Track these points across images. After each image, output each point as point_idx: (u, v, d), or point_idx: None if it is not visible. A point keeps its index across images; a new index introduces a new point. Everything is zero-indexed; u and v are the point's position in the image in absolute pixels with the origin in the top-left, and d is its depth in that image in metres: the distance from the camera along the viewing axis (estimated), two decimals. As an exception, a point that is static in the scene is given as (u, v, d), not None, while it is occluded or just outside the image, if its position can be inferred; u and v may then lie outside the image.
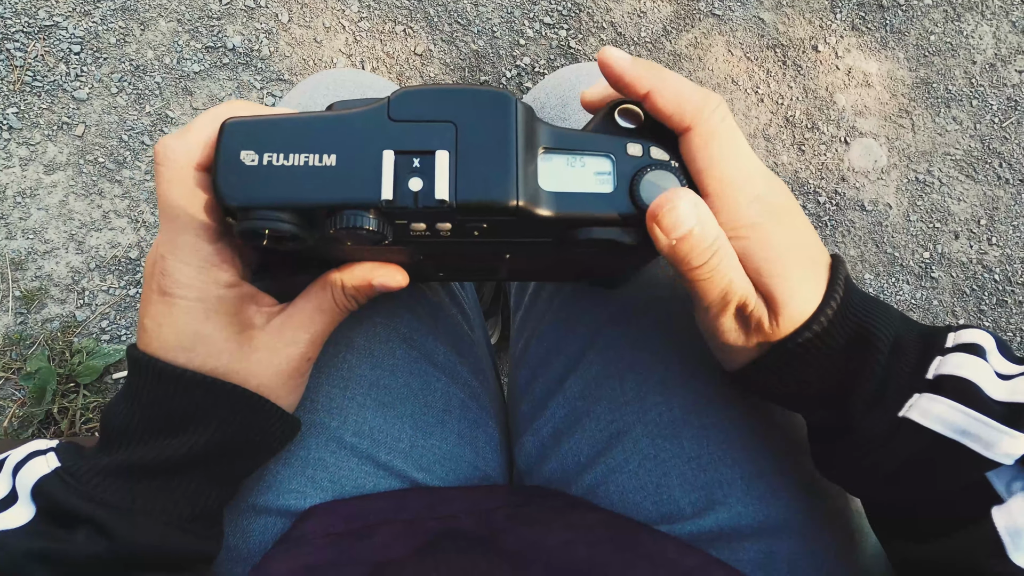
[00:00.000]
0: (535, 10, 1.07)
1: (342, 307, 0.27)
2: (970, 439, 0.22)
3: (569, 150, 0.23)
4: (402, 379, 0.34)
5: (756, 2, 1.12)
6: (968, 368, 0.23)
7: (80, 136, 0.94)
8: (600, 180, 0.23)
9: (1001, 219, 1.09)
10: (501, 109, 0.21)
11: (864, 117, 1.10)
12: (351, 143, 0.21)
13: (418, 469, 0.33)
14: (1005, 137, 1.12)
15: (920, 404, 0.23)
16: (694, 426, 0.32)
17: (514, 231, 0.23)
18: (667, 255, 0.22)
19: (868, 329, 0.24)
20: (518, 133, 0.21)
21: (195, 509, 0.25)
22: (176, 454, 0.24)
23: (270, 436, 0.27)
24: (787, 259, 0.23)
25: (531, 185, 0.22)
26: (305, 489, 0.31)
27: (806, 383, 0.25)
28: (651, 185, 0.23)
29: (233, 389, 0.24)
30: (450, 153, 0.21)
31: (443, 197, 0.20)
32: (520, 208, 0.21)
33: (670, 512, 0.31)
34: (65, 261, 0.90)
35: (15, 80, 0.93)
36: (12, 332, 0.87)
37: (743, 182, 0.23)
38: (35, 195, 0.91)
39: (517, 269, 0.30)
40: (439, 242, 0.23)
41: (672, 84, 0.23)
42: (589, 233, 0.23)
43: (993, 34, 1.16)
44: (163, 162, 0.22)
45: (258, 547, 0.30)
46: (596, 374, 0.35)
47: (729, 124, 0.23)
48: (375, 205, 0.20)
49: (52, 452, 0.24)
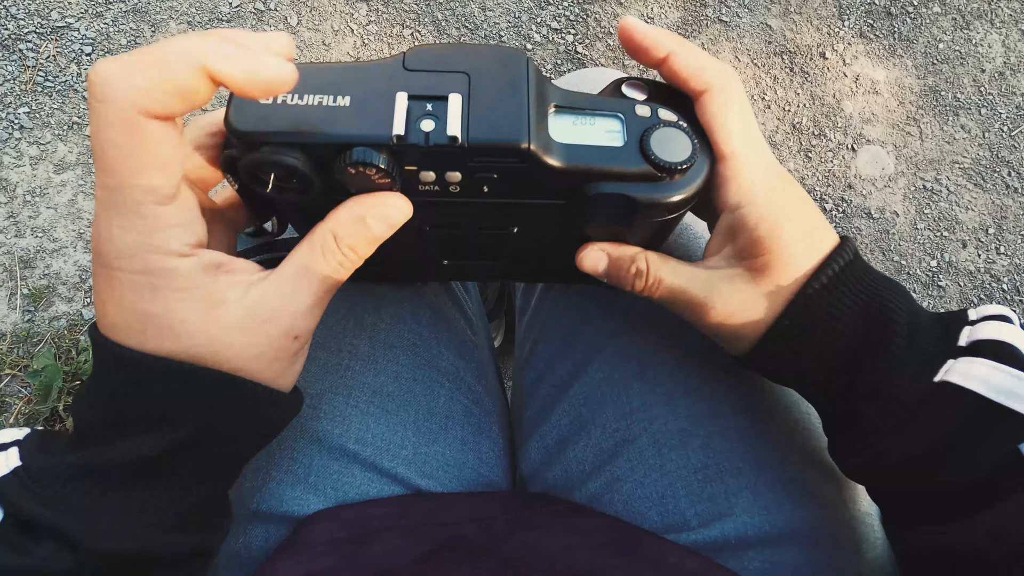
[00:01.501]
0: (542, 15, 1.07)
1: (336, 264, 0.22)
2: (1016, 400, 0.21)
3: (580, 109, 0.23)
4: (405, 385, 0.34)
5: (764, 8, 1.12)
6: (1004, 332, 0.23)
7: (90, 136, 0.94)
8: (610, 136, 0.23)
9: (1009, 228, 1.09)
10: (515, 64, 0.22)
11: (872, 124, 1.10)
12: (365, 88, 0.21)
13: (421, 476, 0.33)
14: (1014, 146, 1.11)
15: (958, 367, 0.22)
16: (700, 436, 0.32)
17: (524, 188, 0.23)
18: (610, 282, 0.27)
19: (883, 298, 0.24)
20: (530, 86, 0.22)
21: (180, 508, 0.22)
22: (151, 453, 0.20)
23: (262, 419, 0.23)
24: (797, 219, 0.24)
25: (542, 134, 0.22)
26: (307, 497, 0.30)
27: (821, 350, 0.24)
28: (661, 142, 0.23)
29: (205, 373, 0.20)
30: (463, 97, 0.21)
31: (455, 134, 0.20)
32: (531, 153, 0.21)
33: (675, 523, 0.31)
34: (73, 260, 0.91)
35: (27, 80, 0.94)
36: (20, 329, 0.87)
37: (758, 146, 0.24)
38: (45, 194, 0.92)
39: (522, 259, 0.30)
40: (447, 204, 0.23)
41: (691, 48, 0.24)
42: (600, 188, 0.23)
43: (1002, 42, 1.16)
44: (100, 98, 0.17)
45: (260, 554, 0.30)
46: (602, 382, 0.34)
47: (743, 95, 0.24)
48: (386, 143, 0.20)
49: (14, 447, 0.21)
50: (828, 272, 0.24)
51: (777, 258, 0.24)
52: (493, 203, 0.24)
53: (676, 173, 0.23)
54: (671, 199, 0.23)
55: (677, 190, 0.23)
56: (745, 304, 0.25)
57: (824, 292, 0.24)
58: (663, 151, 0.23)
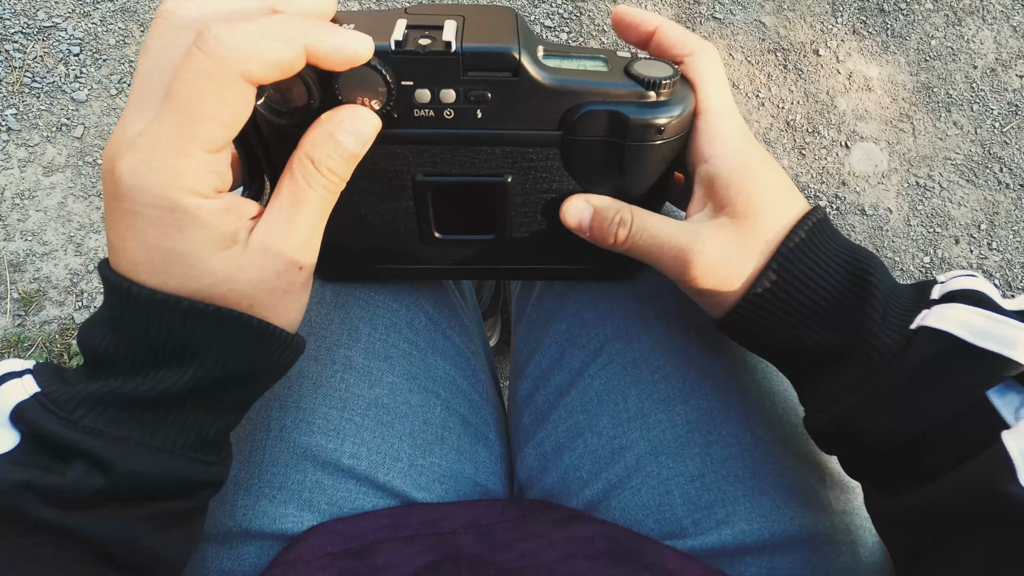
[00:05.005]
0: (536, 13, 1.07)
1: (321, 189, 0.23)
2: (992, 340, 0.21)
3: (565, 53, 0.25)
4: (401, 397, 0.34)
5: (757, 6, 1.12)
6: (974, 283, 0.24)
7: (79, 137, 0.93)
8: (596, 66, 0.25)
9: (1001, 224, 1.09)
10: (506, 14, 0.24)
11: (865, 121, 1.10)
12: (368, 19, 0.23)
13: (417, 488, 0.33)
14: (1006, 142, 1.12)
15: (935, 312, 0.23)
16: (697, 443, 0.32)
17: (517, 114, 0.24)
18: (592, 241, 0.28)
19: (861, 258, 0.25)
20: (519, 30, 0.23)
21: (199, 437, 0.23)
22: (173, 387, 0.21)
23: (272, 360, 0.24)
24: (771, 175, 0.26)
25: (533, 55, 0.23)
26: (301, 513, 0.30)
27: (801, 307, 0.25)
28: (644, 67, 0.25)
29: (228, 315, 0.21)
30: (458, 24, 0.23)
31: (449, 39, 0.22)
32: (521, 65, 0.23)
33: (672, 530, 0.31)
34: (64, 263, 0.90)
35: (14, 81, 0.93)
36: (10, 334, 0.86)
37: (731, 108, 0.26)
38: (34, 197, 0.91)
39: (517, 240, 0.30)
40: (440, 138, 0.25)
41: (677, 25, 0.27)
42: (591, 106, 0.24)
43: (994, 39, 1.16)
44: (210, 52, 0.18)
45: (253, 571, 0.29)
46: (599, 388, 0.34)
47: (721, 67, 0.27)
48: (385, 50, 0.22)
49: (29, 375, 0.22)
50: (807, 226, 0.25)
51: (755, 204, 0.25)
52: (488, 135, 0.25)
53: (662, 88, 0.24)
54: (660, 119, 0.25)
55: (666, 110, 0.25)
56: (727, 256, 0.26)
57: (804, 247, 0.25)
58: (647, 71, 0.24)
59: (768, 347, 0.28)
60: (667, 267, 0.27)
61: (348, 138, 0.22)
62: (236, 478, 0.31)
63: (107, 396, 0.21)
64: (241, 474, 0.31)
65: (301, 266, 0.23)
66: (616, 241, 0.27)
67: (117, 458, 0.21)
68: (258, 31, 0.19)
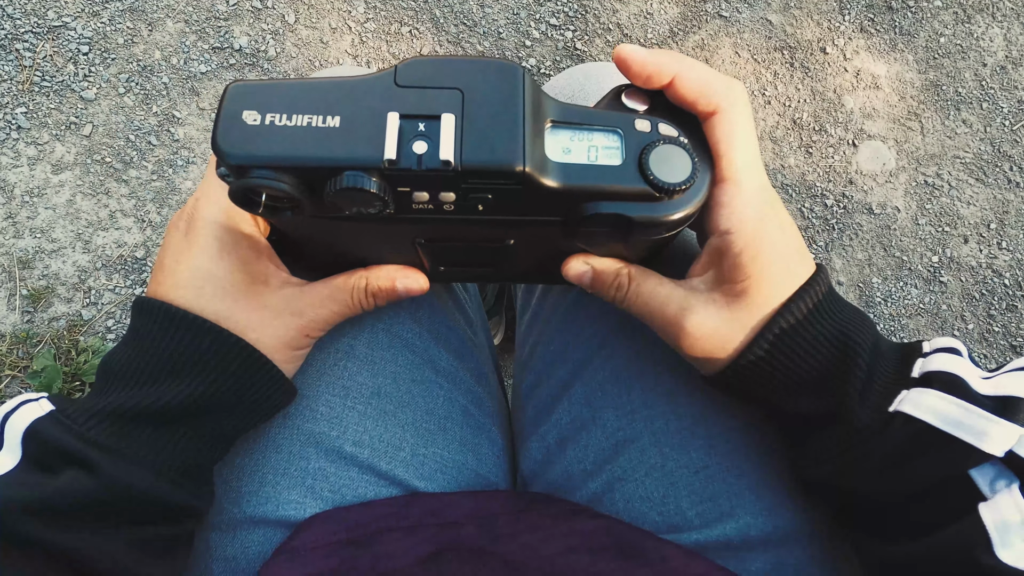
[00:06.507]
0: (541, 11, 1.07)
1: (357, 304, 0.28)
2: (963, 430, 0.22)
3: (577, 124, 0.23)
4: (404, 386, 0.34)
5: (764, 4, 1.11)
6: (952, 364, 0.24)
7: (88, 136, 0.94)
8: (608, 154, 0.23)
9: (1011, 223, 1.08)
10: (509, 78, 0.21)
11: (872, 120, 1.09)
12: (356, 106, 0.20)
13: (419, 478, 0.33)
14: (1016, 140, 1.11)
15: (911, 397, 0.24)
16: (702, 436, 0.32)
17: (519, 206, 0.22)
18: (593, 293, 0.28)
19: (848, 332, 0.25)
20: (525, 103, 0.21)
21: (185, 461, 0.25)
22: (171, 402, 0.24)
23: (264, 397, 0.27)
24: (779, 246, 0.25)
25: (538, 154, 0.21)
26: (304, 500, 0.30)
27: (786, 379, 0.25)
28: (660, 160, 0.22)
29: (234, 340, 0.25)
30: (456, 117, 0.20)
31: (448, 158, 0.20)
32: (526, 175, 0.21)
33: (676, 523, 0.31)
34: (72, 260, 0.90)
35: (24, 80, 0.94)
36: (19, 330, 0.87)
37: (755, 170, 0.24)
38: (43, 194, 0.91)
39: (521, 263, 0.30)
40: (442, 220, 0.23)
41: (696, 69, 0.23)
42: (596, 208, 0.23)
43: (1004, 36, 1.15)
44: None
45: (257, 558, 0.29)
46: (603, 381, 0.34)
47: (749, 112, 0.24)
48: (377, 166, 0.20)
49: (44, 399, 0.25)
50: (800, 308, 0.25)
51: (755, 286, 0.24)
52: (488, 219, 0.23)
53: (675, 193, 0.22)
54: (669, 218, 0.23)
55: (675, 209, 0.23)
56: (718, 330, 0.25)
57: (793, 329, 0.25)
58: (662, 171, 0.22)
59: (757, 404, 0.29)
60: (658, 331, 0.28)
61: (403, 287, 0.28)
62: (240, 464, 0.31)
63: (109, 410, 0.24)
64: (245, 460, 0.31)
65: (309, 335, 0.28)
66: (614, 301, 0.28)
67: (105, 467, 0.23)
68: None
